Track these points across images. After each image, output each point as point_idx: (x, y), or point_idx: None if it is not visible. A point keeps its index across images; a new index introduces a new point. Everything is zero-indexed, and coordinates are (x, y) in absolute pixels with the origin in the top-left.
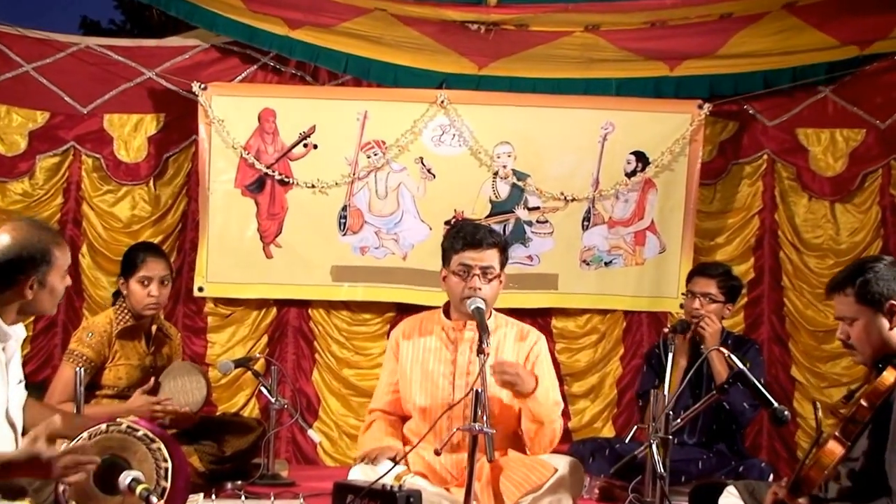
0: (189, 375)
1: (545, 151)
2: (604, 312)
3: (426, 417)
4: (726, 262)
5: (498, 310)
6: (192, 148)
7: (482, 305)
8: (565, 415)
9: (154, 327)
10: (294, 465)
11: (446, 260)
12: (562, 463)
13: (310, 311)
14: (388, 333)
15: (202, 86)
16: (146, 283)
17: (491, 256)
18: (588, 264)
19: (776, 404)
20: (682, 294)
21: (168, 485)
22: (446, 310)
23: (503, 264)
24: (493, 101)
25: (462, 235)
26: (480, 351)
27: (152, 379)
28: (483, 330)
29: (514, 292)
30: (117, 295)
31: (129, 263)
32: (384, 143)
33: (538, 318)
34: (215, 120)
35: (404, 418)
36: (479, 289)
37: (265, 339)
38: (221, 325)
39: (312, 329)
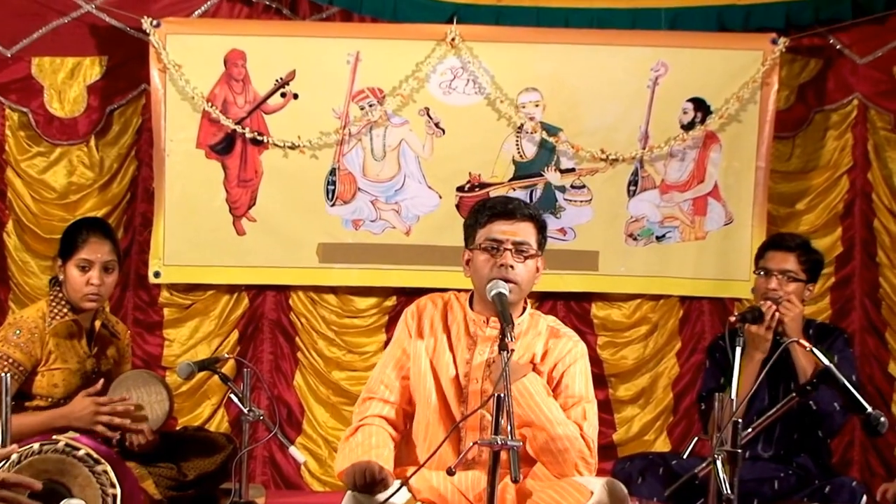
0: (147, 386)
1: (581, 100)
2: (656, 298)
3: (434, 429)
4: (806, 234)
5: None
6: (142, 99)
7: (505, 290)
8: (608, 425)
9: (97, 323)
10: (272, 491)
11: (470, 237)
12: (597, 486)
13: (291, 299)
14: (387, 327)
15: (154, 22)
16: (86, 267)
17: (526, 231)
18: (636, 239)
19: (870, 409)
20: (754, 273)
21: None
22: (471, 299)
23: (541, 245)
24: (517, 37)
25: (490, 206)
26: (503, 347)
27: (100, 381)
28: (506, 320)
29: (544, 273)
30: (55, 282)
31: (68, 243)
32: (381, 91)
33: (574, 305)
34: (171, 64)
35: (405, 418)
36: (512, 266)
37: (235, 334)
38: (181, 319)
39: (294, 322)
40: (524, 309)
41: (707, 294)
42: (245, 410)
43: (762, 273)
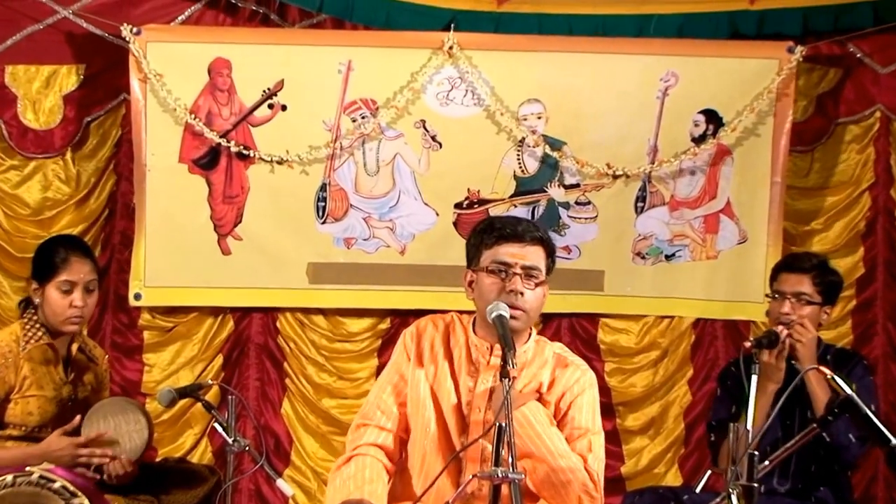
0: (124, 414)
1: (586, 112)
2: (667, 319)
3: (431, 459)
4: (825, 254)
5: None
6: (121, 110)
7: (506, 313)
8: (616, 457)
9: (74, 347)
10: None
11: (473, 258)
12: None
13: (279, 322)
14: (380, 351)
15: (134, 29)
16: (69, 289)
17: (536, 255)
18: (644, 258)
19: (894, 441)
20: (767, 296)
21: None
22: (475, 322)
23: (549, 270)
24: (518, 45)
25: (497, 227)
26: (504, 374)
27: (77, 417)
28: (507, 345)
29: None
30: (26, 304)
31: (45, 264)
32: (374, 102)
33: (579, 329)
34: (152, 74)
35: (402, 447)
36: (522, 293)
37: (219, 360)
38: (162, 343)
39: (282, 346)
40: (529, 335)
41: (718, 316)
42: (230, 440)
43: (775, 296)
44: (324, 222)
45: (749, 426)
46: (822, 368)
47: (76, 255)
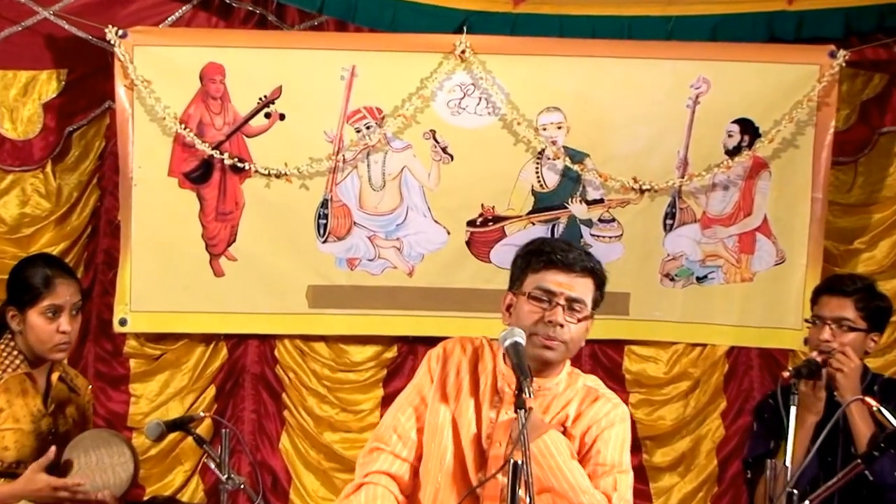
0: (107, 447)
1: (610, 121)
2: (698, 347)
3: (445, 495)
4: (870, 276)
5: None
6: (105, 119)
7: (521, 340)
8: (643, 496)
9: (54, 377)
10: None
11: (517, 281)
12: None
13: (277, 350)
14: (385, 382)
15: (120, 31)
16: (54, 314)
17: (584, 287)
18: (673, 280)
19: None
20: (807, 321)
21: None
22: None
23: (597, 304)
24: (536, 49)
25: (547, 251)
26: (520, 405)
27: (52, 448)
28: (523, 373)
29: None
30: (2, 329)
31: (26, 287)
32: (380, 110)
33: (602, 358)
34: (139, 80)
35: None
36: (562, 325)
37: (212, 390)
38: (149, 372)
39: (280, 376)
40: (563, 368)
41: (753, 344)
42: (223, 477)
43: (815, 321)
44: (325, 241)
45: (788, 462)
46: (867, 399)
47: (60, 277)
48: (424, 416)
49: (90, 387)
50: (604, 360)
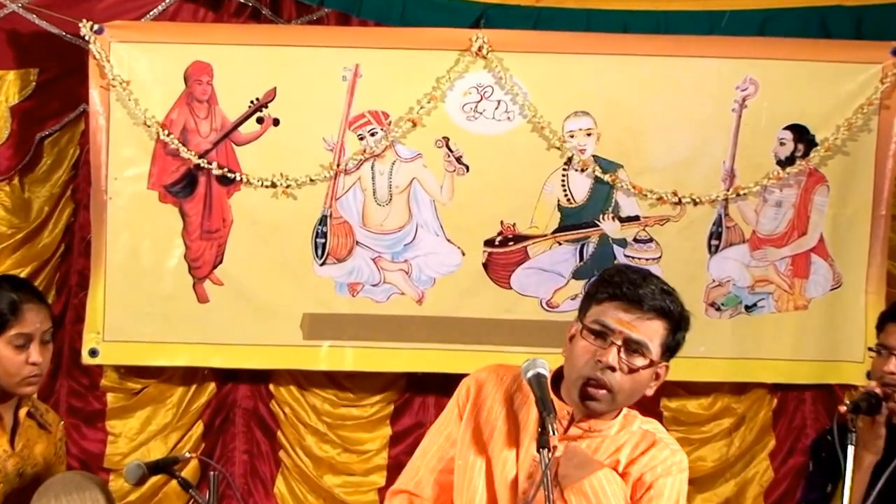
0: (80, 492)
1: (646, 127)
2: (742, 386)
3: None
4: None
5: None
6: (80, 124)
7: (544, 371)
8: None
9: (22, 413)
10: None
11: (582, 310)
12: None
13: (271, 383)
14: (393, 418)
15: (95, 26)
16: (23, 343)
17: (650, 329)
18: (719, 309)
19: None
20: (871, 350)
21: None
22: (556, 382)
23: (668, 351)
24: (562, 46)
25: (616, 281)
26: (543, 444)
27: None
28: (545, 408)
29: None
30: None
31: None
32: (386, 115)
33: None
34: (116, 81)
35: None
36: (613, 369)
37: (199, 428)
38: (128, 408)
39: (275, 412)
40: (619, 412)
41: (809, 380)
42: None
43: (881, 351)
44: (323, 263)
45: None
46: None
47: (29, 302)
48: (452, 458)
49: (62, 423)
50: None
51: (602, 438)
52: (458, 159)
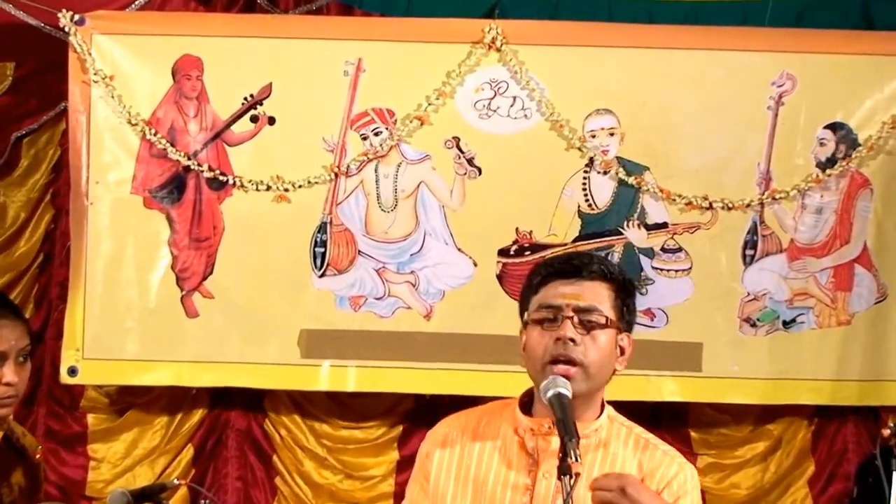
0: None
1: (674, 126)
2: (778, 407)
3: None
4: None
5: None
6: (61, 124)
7: (567, 391)
8: None
9: None
10: None
11: (524, 310)
12: None
13: (266, 403)
14: (401, 441)
15: (76, 17)
16: None
17: (595, 292)
18: (754, 325)
19: None
20: None
21: None
22: (525, 401)
23: (623, 313)
24: (582, 38)
25: (548, 262)
26: (564, 470)
27: None
28: (568, 432)
29: (622, 375)
30: None
31: None
32: (392, 113)
33: (666, 418)
34: (99, 76)
35: None
36: (573, 340)
37: (189, 452)
38: (112, 431)
39: (271, 434)
40: (602, 409)
41: (853, 402)
42: None
43: None
44: (322, 275)
45: None
46: None
47: (3, 318)
48: None
49: (41, 448)
50: (665, 413)
51: (595, 446)
52: (470, 161)
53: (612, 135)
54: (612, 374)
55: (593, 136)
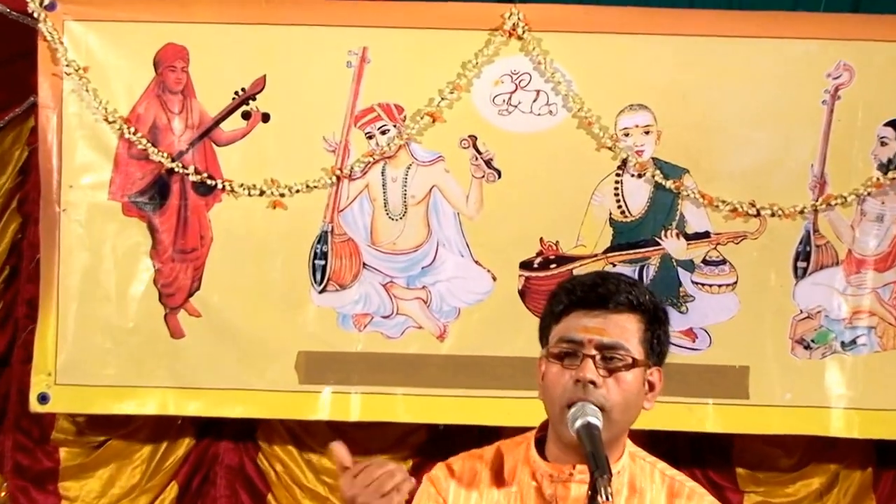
0: None
1: (717, 123)
2: (835, 441)
3: None
4: None
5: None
6: (28, 121)
7: (597, 420)
8: None
9: None
10: None
11: (544, 338)
12: None
13: (260, 437)
14: (411, 475)
15: (46, 1)
16: None
17: (621, 326)
18: (808, 347)
19: None
20: None
21: None
22: (541, 439)
23: (653, 349)
24: (613, 24)
25: (570, 287)
26: None
27: None
28: (599, 467)
29: (659, 402)
30: None
31: None
32: (400, 109)
33: (708, 452)
34: (72, 68)
35: None
36: (594, 382)
37: (173, 490)
38: (88, 466)
39: (265, 470)
40: (623, 449)
41: None
42: None
43: None
44: (323, 290)
45: None
46: None
47: None
48: None
49: (6, 484)
50: (707, 446)
51: (616, 491)
52: (488, 163)
53: (647, 133)
54: (638, 414)
55: (626, 135)
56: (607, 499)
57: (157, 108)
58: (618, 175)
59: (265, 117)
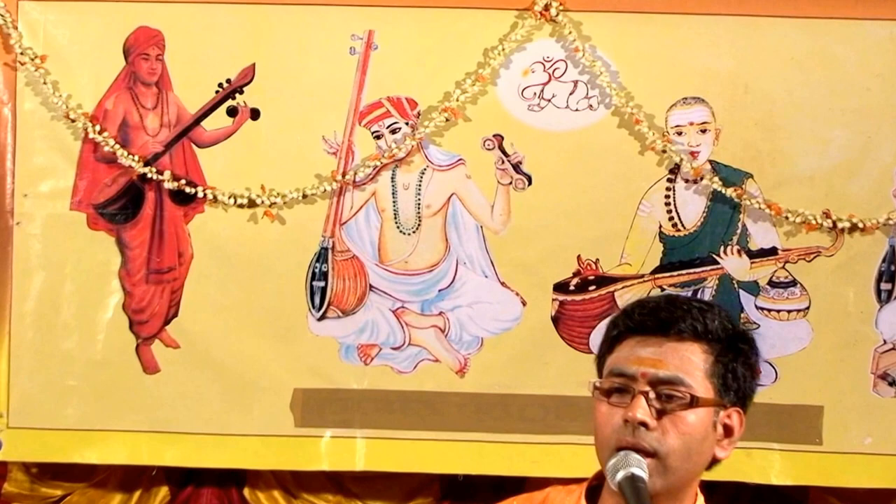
0: None
1: (786, 120)
2: None
3: None
4: None
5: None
6: None
7: (642, 472)
8: None
9: None
10: None
11: (599, 370)
12: None
13: (247, 489)
14: None
15: None
16: None
17: (682, 357)
18: (893, 384)
19: None
20: None
21: None
22: (595, 488)
23: (728, 381)
24: (664, 4)
25: (629, 311)
26: None
27: None
28: None
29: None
30: None
31: None
32: (413, 104)
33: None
34: (28, 56)
35: None
36: (644, 423)
37: None
38: None
39: None
40: (696, 499)
41: None
42: None
43: None
44: (322, 317)
45: None
46: None
47: None
48: None
49: None
50: (773, 500)
51: None
52: (517, 167)
53: (703, 131)
54: (709, 463)
55: (679, 134)
56: None
57: (128, 102)
58: (669, 181)
59: (254, 114)
